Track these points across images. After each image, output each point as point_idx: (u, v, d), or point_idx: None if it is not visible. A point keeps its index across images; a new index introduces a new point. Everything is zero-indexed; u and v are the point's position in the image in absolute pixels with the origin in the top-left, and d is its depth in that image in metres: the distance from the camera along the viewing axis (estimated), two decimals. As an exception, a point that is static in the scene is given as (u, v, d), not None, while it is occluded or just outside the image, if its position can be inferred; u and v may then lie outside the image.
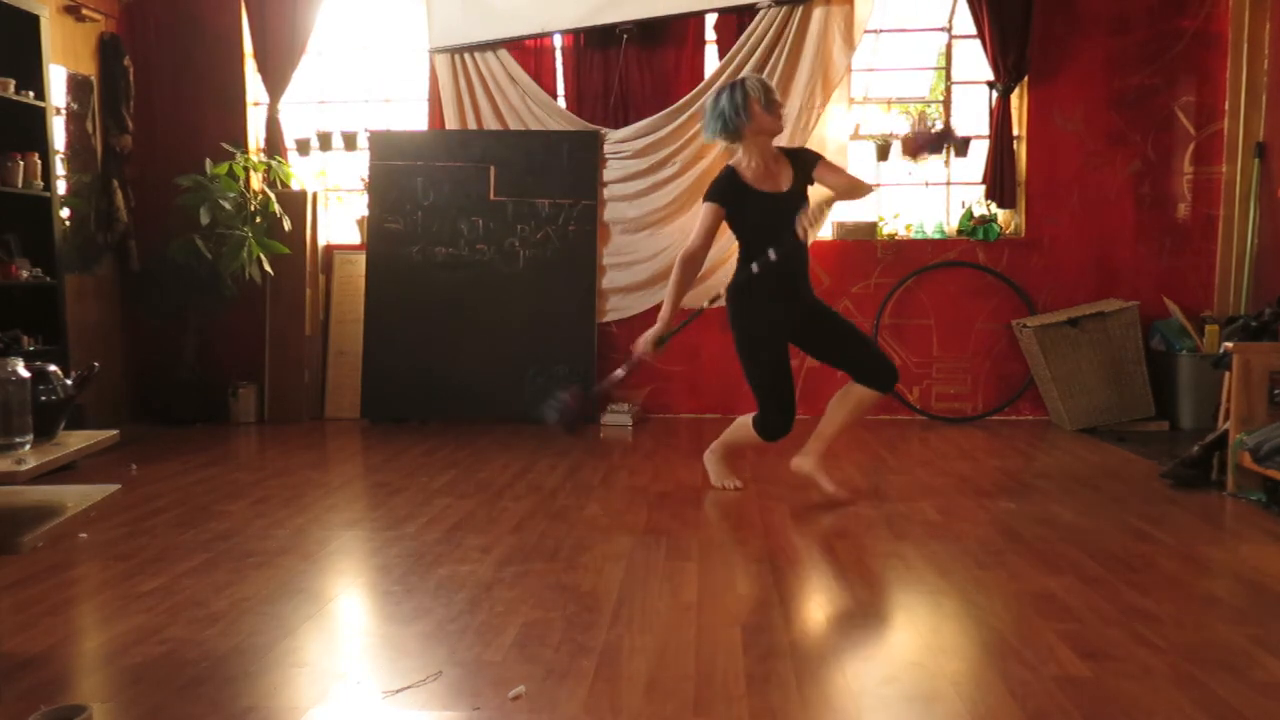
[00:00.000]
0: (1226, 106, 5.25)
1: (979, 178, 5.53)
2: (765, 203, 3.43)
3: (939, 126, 5.55)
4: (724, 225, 3.48)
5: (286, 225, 5.49)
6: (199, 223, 5.18)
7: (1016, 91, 5.40)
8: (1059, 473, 4.14)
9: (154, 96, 5.71)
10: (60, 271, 4.59)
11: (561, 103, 5.63)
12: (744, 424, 3.66)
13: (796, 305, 3.53)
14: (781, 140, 5.24)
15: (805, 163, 3.50)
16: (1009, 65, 5.27)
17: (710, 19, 5.55)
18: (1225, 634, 2.29)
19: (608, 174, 5.56)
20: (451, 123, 5.63)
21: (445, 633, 2.34)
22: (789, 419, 3.53)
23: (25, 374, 2.02)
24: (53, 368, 2.22)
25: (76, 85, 5.22)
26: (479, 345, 5.51)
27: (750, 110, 3.35)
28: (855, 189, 3.52)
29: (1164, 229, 5.41)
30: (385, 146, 5.61)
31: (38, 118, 4.51)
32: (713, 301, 3.77)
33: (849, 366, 3.58)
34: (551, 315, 5.48)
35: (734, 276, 3.52)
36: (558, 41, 5.62)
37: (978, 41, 5.37)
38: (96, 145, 5.40)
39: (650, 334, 3.50)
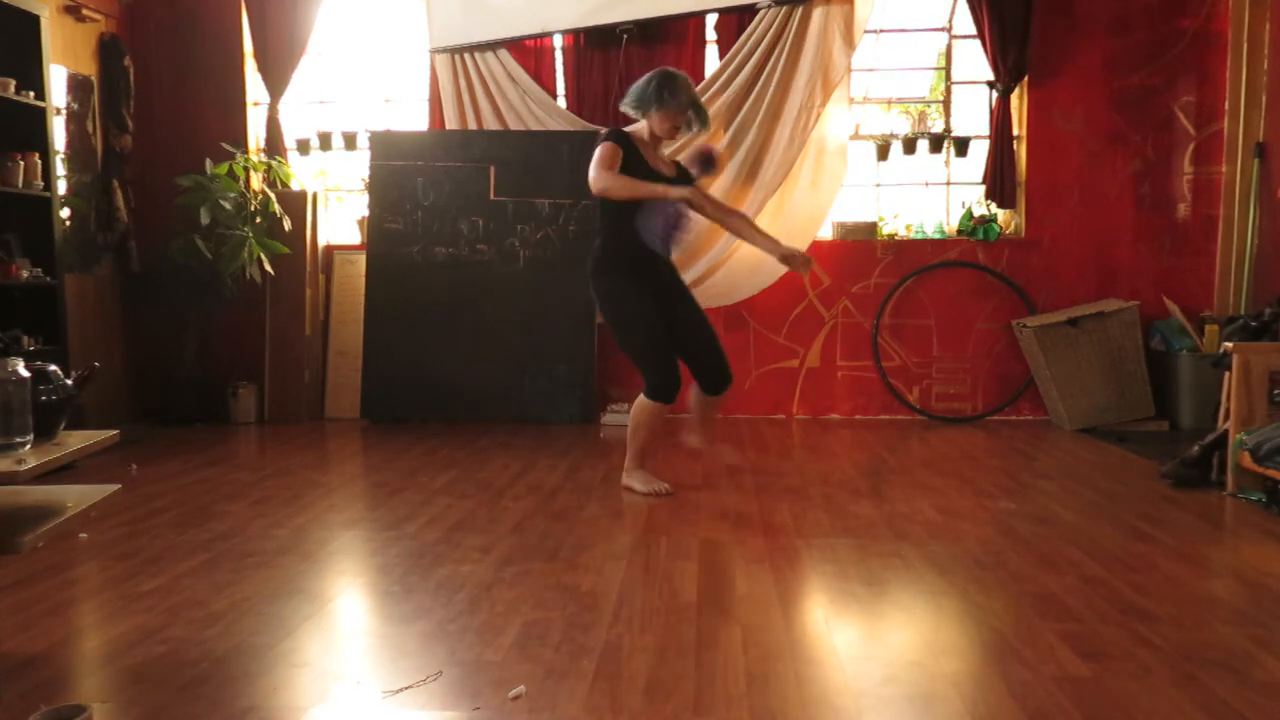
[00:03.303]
0: (1226, 106, 5.25)
1: (979, 178, 5.54)
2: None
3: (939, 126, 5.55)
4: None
5: (286, 225, 5.49)
6: (199, 223, 5.18)
7: (1016, 91, 5.41)
8: (1059, 473, 4.14)
9: (154, 96, 5.72)
10: (60, 271, 4.59)
11: (561, 103, 5.63)
12: (637, 419, 3.73)
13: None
14: (782, 139, 5.31)
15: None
16: (1009, 65, 5.28)
17: (710, 19, 5.55)
18: (1225, 634, 2.29)
19: (608, 174, 5.55)
20: (451, 123, 5.63)
21: (445, 633, 2.34)
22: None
23: (25, 374, 2.02)
24: (53, 368, 2.22)
25: (76, 85, 5.22)
26: (479, 345, 5.50)
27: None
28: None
29: (1164, 229, 5.41)
30: (385, 146, 5.61)
31: (38, 118, 4.51)
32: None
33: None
34: (551, 315, 5.48)
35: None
36: (558, 41, 5.62)
37: (978, 41, 5.37)
38: (96, 145, 5.40)
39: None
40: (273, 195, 5.49)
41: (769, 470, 4.14)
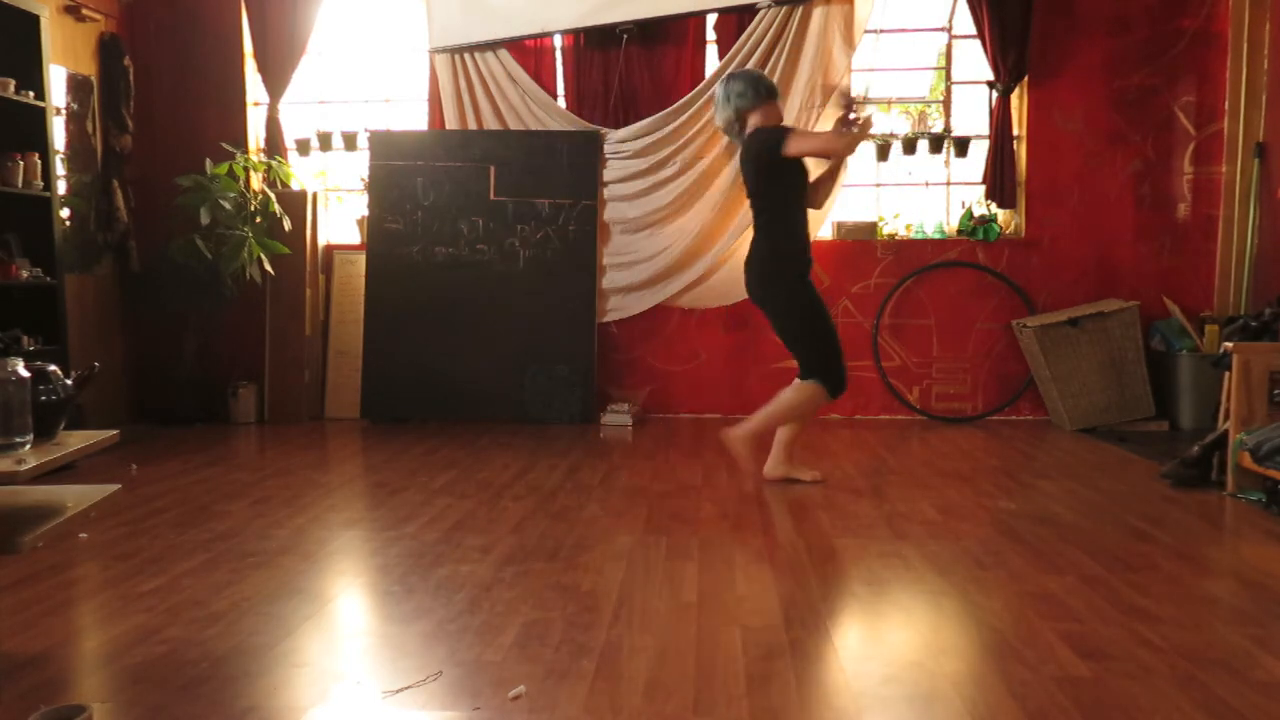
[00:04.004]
0: (1226, 106, 5.25)
1: (979, 178, 5.54)
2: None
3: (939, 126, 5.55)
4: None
5: (286, 225, 5.49)
6: (199, 223, 5.18)
7: (1016, 91, 5.40)
8: (1059, 473, 4.14)
9: (154, 96, 5.72)
10: (60, 271, 4.59)
11: (561, 103, 5.63)
12: (796, 402, 3.80)
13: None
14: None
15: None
16: (1009, 65, 5.27)
17: (710, 19, 5.55)
18: (1225, 634, 2.29)
19: (608, 174, 5.56)
20: (451, 123, 5.63)
21: (445, 633, 2.34)
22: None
23: (25, 374, 2.02)
24: (53, 368, 2.23)
25: (76, 85, 5.22)
26: (479, 345, 5.51)
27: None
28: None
29: (1164, 229, 5.41)
30: (385, 146, 5.61)
31: (38, 118, 4.51)
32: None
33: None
34: (551, 315, 5.48)
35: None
36: (558, 41, 5.62)
37: (978, 41, 5.37)
38: (96, 145, 5.40)
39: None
40: (273, 195, 5.49)
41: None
